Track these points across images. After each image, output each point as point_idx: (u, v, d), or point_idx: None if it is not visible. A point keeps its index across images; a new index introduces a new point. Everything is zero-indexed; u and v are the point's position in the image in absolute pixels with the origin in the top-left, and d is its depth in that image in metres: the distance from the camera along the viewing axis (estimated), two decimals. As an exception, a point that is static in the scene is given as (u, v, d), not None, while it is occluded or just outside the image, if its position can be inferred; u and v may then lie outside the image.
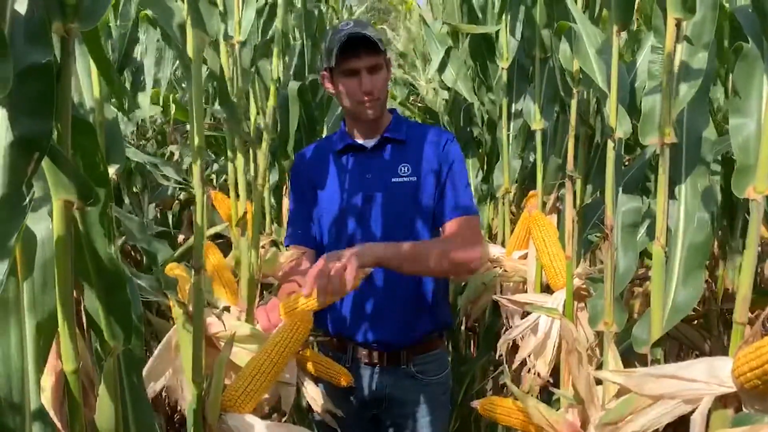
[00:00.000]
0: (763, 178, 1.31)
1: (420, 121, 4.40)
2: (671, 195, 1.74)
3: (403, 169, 2.34)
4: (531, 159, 3.12)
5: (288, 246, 2.45)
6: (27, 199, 0.87)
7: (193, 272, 1.45)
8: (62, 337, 1.11)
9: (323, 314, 2.39)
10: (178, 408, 1.83)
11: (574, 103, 2.22)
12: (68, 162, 0.97)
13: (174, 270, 1.92)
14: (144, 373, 1.62)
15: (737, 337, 1.35)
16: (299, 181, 2.49)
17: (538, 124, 2.62)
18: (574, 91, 2.22)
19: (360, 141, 2.41)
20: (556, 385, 2.24)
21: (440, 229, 2.38)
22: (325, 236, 2.42)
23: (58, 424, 1.21)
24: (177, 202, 3.62)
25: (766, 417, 1.24)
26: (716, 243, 3.02)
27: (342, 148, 2.41)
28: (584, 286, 2.33)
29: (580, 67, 1.97)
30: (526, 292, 2.66)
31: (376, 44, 2.23)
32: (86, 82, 1.38)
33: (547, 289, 2.59)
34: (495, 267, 2.78)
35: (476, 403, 2.02)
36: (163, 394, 2.94)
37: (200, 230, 1.34)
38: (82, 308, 1.26)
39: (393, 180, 2.34)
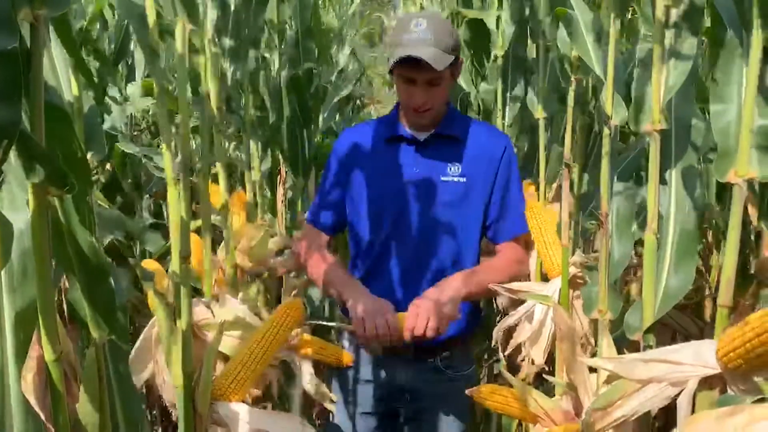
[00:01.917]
0: (744, 162, 1.32)
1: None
2: (662, 182, 1.74)
3: (452, 168, 2.27)
4: (525, 148, 3.10)
5: (308, 222, 2.44)
6: (-3, 187, 0.86)
7: (179, 261, 1.44)
8: (42, 326, 1.10)
9: None
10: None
11: (571, 90, 2.21)
12: (40, 148, 0.96)
13: (151, 264, 1.92)
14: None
15: (722, 319, 1.35)
16: (340, 162, 2.39)
17: (540, 112, 2.60)
18: (572, 78, 2.20)
19: (411, 132, 2.32)
20: (552, 372, 2.24)
21: (495, 247, 2.38)
22: (363, 226, 2.35)
23: (41, 414, 1.21)
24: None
25: (748, 397, 1.24)
26: (710, 232, 3.01)
27: (391, 136, 2.34)
28: (580, 274, 2.33)
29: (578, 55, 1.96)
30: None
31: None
32: (63, 70, 1.36)
33: (545, 277, 2.58)
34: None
35: (472, 391, 2.02)
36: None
37: (185, 219, 1.33)
38: (64, 298, 1.26)
39: (442, 178, 2.27)
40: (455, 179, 2.26)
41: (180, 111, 1.37)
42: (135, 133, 3.60)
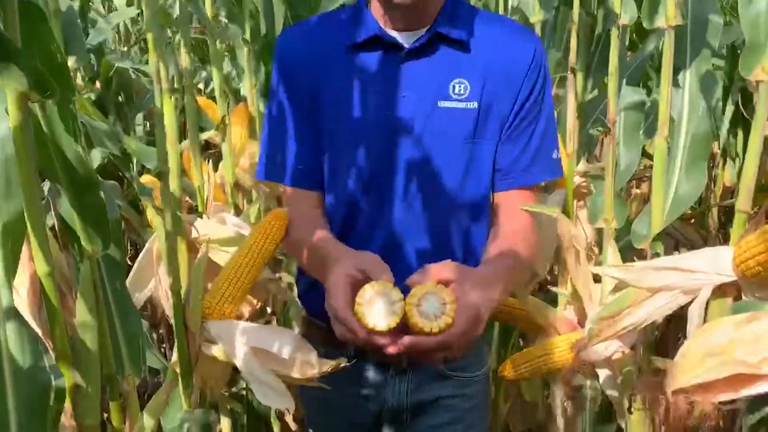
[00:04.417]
0: (774, 58, 1.24)
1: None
2: (674, 84, 1.67)
3: (457, 87, 1.51)
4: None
5: (271, 184, 1.79)
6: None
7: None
8: (32, 239, 1.06)
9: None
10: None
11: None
12: (16, 48, 0.89)
13: (150, 180, 1.86)
14: (128, 284, 1.57)
15: (739, 225, 1.32)
16: (292, 83, 1.58)
17: (537, 15, 2.48)
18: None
19: (394, 34, 1.52)
20: (555, 283, 2.23)
21: (496, 194, 1.61)
22: (327, 185, 1.62)
23: (37, 329, 1.18)
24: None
25: (767, 304, 1.22)
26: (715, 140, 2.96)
27: (363, 40, 1.52)
28: (585, 183, 2.29)
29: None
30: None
31: None
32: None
33: (545, 190, 2.55)
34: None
35: None
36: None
37: (162, 132, 1.27)
38: (53, 212, 1.22)
39: (440, 104, 1.51)
40: (461, 105, 1.52)
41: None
42: (125, 48, 3.49)
